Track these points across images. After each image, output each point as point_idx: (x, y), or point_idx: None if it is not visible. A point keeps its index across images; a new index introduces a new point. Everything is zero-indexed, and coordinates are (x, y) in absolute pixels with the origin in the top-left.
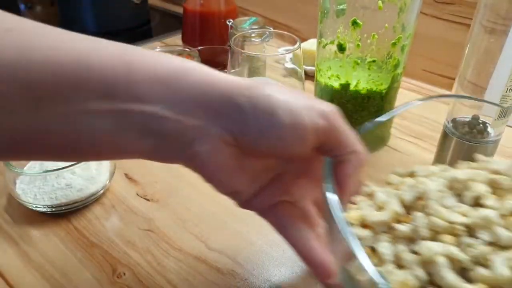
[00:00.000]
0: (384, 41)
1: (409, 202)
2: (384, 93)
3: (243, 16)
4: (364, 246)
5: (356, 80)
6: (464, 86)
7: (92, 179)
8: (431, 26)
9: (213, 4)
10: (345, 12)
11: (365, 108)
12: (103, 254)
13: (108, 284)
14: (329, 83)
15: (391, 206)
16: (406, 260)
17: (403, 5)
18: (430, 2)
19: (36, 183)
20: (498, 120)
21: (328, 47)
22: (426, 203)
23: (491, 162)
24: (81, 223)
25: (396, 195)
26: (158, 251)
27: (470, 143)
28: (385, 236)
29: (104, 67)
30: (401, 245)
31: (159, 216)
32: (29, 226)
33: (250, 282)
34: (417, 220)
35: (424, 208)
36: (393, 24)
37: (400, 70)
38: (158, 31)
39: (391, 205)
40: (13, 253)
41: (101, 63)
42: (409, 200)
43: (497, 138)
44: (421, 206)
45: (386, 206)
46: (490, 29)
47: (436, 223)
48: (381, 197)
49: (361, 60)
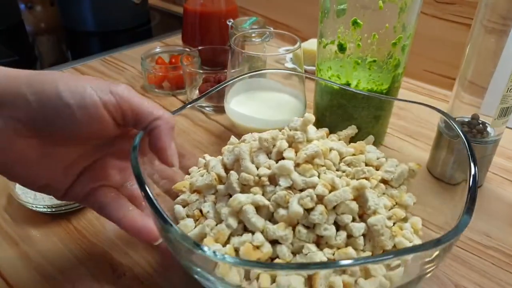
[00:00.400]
0: (385, 41)
1: (230, 165)
2: (384, 93)
3: (243, 16)
4: (195, 208)
5: (356, 80)
6: (465, 86)
7: None
8: (432, 26)
9: (213, 4)
10: (345, 12)
11: (365, 108)
12: (103, 254)
13: (108, 284)
14: (329, 83)
15: (213, 170)
16: (222, 214)
17: (403, 5)
18: (431, 2)
19: None
20: (498, 120)
21: (329, 47)
22: (240, 163)
23: (293, 120)
24: (81, 223)
25: (219, 160)
26: (158, 251)
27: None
28: (212, 197)
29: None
30: (221, 202)
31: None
32: (29, 226)
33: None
34: (230, 177)
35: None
36: (394, 24)
37: (401, 70)
38: (158, 31)
39: (214, 169)
40: (13, 253)
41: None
42: (230, 163)
43: (497, 138)
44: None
45: (211, 171)
46: (491, 29)
47: (244, 177)
48: (212, 163)
49: (362, 60)
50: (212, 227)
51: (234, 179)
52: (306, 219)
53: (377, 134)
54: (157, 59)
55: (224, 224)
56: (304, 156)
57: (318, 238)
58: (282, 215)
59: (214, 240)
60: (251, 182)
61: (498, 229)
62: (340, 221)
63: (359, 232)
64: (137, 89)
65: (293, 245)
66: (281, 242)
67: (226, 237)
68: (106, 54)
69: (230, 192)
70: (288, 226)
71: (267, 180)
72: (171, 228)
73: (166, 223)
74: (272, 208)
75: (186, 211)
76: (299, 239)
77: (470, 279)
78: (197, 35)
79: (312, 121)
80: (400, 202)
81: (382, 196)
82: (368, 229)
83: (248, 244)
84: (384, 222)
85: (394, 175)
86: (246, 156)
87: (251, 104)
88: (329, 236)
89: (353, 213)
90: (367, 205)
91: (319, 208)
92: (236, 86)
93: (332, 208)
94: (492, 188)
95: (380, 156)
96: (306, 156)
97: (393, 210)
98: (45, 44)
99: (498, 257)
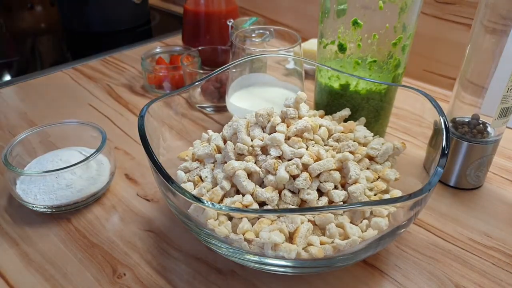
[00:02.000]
0: (385, 41)
1: (229, 138)
2: (383, 93)
3: (243, 16)
4: (195, 175)
5: (356, 80)
6: (465, 86)
7: (92, 179)
8: (432, 26)
9: (213, 4)
10: (345, 12)
11: (365, 109)
12: (103, 255)
13: (109, 284)
14: (329, 83)
15: (213, 142)
16: (218, 178)
17: (404, 5)
18: (431, 2)
19: (37, 184)
20: (498, 120)
21: (329, 47)
22: (237, 135)
23: (287, 98)
24: (81, 223)
25: (220, 134)
26: (158, 251)
27: (470, 143)
28: (211, 165)
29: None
30: (218, 169)
31: (159, 216)
32: (29, 227)
33: (251, 282)
34: (227, 147)
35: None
36: (394, 24)
37: (401, 70)
38: (158, 31)
39: (214, 141)
40: (13, 253)
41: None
42: (229, 135)
43: (497, 138)
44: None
45: (212, 143)
46: (491, 29)
47: (239, 147)
48: (213, 136)
49: (362, 60)
50: (209, 189)
51: (230, 148)
52: (291, 185)
53: (377, 133)
54: (157, 59)
55: (218, 187)
56: (294, 130)
57: (302, 202)
58: (270, 180)
59: (209, 199)
60: (245, 152)
61: (498, 229)
62: (323, 188)
63: (339, 198)
64: (137, 89)
65: (279, 207)
66: (268, 204)
67: (220, 197)
68: (106, 54)
69: (226, 160)
70: (274, 190)
71: (260, 150)
72: (172, 184)
73: (168, 179)
74: (262, 174)
75: (187, 176)
76: (284, 202)
77: (470, 279)
78: (197, 35)
79: (304, 99)
80: (383, 176)
81: (366, 170)
82: (348, 196)
83: (238, 203)
84: (363, 191)
85: (379, 151)
86: (242, 129)
87: (251, 99)
88: (311, 200)
89: (336, 181)
90: (349, 175)
91: (304, 174)
92: (237, 81)
93: (316, 176)
94: (493, 188)
95: (369, 135)
96: (296, 130)
97: (375, 183)
98: (45, 44)
99: (498, 257)
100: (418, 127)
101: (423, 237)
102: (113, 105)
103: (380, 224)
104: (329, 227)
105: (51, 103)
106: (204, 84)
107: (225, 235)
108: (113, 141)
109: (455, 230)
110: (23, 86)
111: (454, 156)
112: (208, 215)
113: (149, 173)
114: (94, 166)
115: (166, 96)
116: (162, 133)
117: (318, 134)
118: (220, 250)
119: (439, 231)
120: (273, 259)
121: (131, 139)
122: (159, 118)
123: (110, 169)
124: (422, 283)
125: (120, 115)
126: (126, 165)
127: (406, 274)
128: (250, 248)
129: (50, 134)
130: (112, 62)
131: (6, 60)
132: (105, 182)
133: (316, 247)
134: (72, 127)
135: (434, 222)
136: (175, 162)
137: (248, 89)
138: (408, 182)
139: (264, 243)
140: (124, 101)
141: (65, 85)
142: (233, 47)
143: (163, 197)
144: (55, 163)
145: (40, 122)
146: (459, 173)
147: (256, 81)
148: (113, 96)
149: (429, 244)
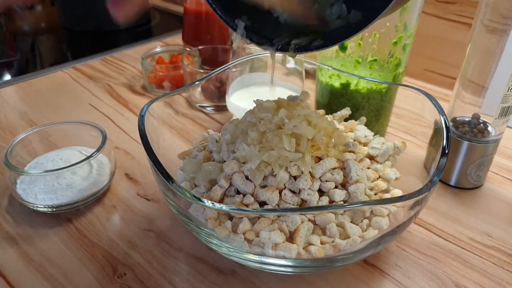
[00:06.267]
0: (386, 40)
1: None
2: (384, 93)
3: None
4: None
5: (356, 79)
6: (466, 85)
7: (92, 179)
8: (433, 25)
9: None
10: None
11: (365, 108)
12: (103, 254)
13: (109, 284)
14: (329, 82)
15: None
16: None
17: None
18: (432, 1)
19: (37, 183)
20: (498, 119)
21: None
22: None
23: None
24: (82, 223)
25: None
26: (158, 251)
27: (471, 142)
28: None
29: None
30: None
31: (159, 216)
32: (29, 226)
33: (251, 282)
34: (223, 146)
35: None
36: (395, 23)
37: (402, 69)
38: (158, 31)
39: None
40: (14, 253)
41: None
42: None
43: (498, 138)
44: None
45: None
46: (492, 29)
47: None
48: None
49: (363, 59)
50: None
51: (226, 148)
52: (292, 185)
53: (377, 132)
54: (158, 58)
55: (217, 185)
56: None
57: (302, 202)
58: (271, 181)
59: (208, 199)
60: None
61: (499, 228)
62: (324, 188)
63: (340, 197)
64: (137, 89)
65: (279, 207)
66: (268, 203)
67: (219, 196)
68: (107, 54)
69: (225, 159)
70: (275, 190)
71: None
72: (172, 184)
73: (168, 179)
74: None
75: None
76: (285, 202)
77: (470, 278)
78: (197, 35)
79: (308, 98)
80: (383, 176)
81: (367, 170)
82: (349, 196)
83: (239, 203)
84: (363, 190)
85: (379, 151)
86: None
87: (251, 99)
88: (312, 200)
89: (337, 181)
90: (350, 175)
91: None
92: (237, 81)
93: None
94: (493, 187)
95: (369, 134)
96: None
97: (375, 182)
98: (45, 44)
99: (499, 257)
100: (419, 126)
101: (423, 236)
102: (113, 105)
103: (381, 224)
104: (329, 226)
105: (51, 102)
106: (204, 84)
107: (225, 235)
108: (113, 141)
109: (456, 229)
110: (23, 86)
111: (454, 155)
112: (208, 214)
113: (150, 172)
114: (94, 166)
115: (166, 95)
116: (162, 133)
117: None
118: (220, 249)
119: (440, 230)
120: (273, 258)
121: (131, 139)
122: (159, 117)
123: (111, 168)
124: (422, 282)
125: (120, 115)
126: (126, 164)
127: (407, 273)
128: (251, 248)
129: (50, 133)
130: (112, 62)
131: (6, 60)
132: (106, 181)
133: (317, 247)
134: (72, 126)
135: (435, 221)
136: (175, 161)
137: (248, 89)
138: (408, 182)
139: (264, 242)
140: (124, 100)
141: (65, 85)
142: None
143: (164, 196)
144: (56, 163)
145: (40, 122)
146: (460, 173)
147: (257, 80)
148: (113, 95)
149: (430, 244)
